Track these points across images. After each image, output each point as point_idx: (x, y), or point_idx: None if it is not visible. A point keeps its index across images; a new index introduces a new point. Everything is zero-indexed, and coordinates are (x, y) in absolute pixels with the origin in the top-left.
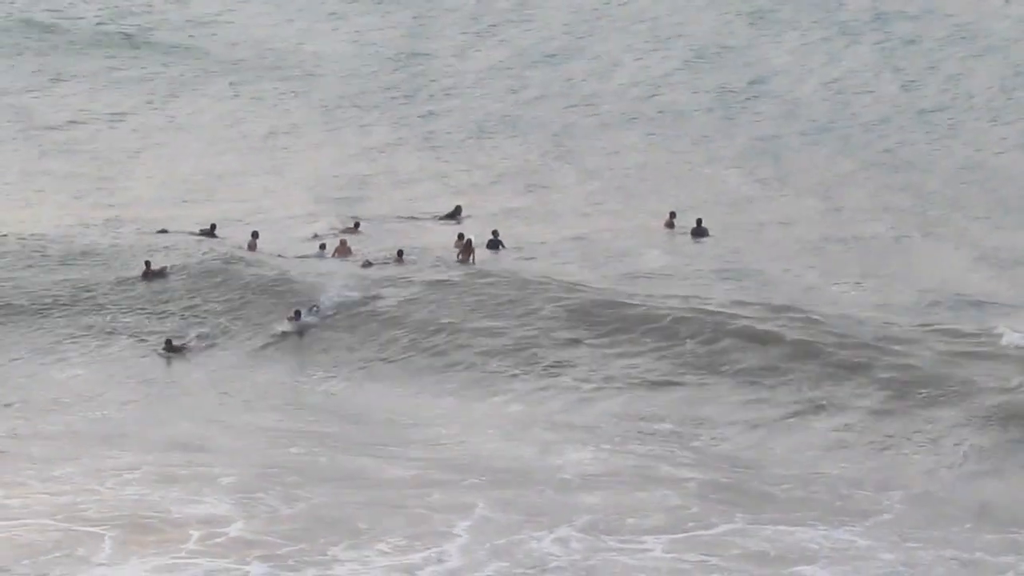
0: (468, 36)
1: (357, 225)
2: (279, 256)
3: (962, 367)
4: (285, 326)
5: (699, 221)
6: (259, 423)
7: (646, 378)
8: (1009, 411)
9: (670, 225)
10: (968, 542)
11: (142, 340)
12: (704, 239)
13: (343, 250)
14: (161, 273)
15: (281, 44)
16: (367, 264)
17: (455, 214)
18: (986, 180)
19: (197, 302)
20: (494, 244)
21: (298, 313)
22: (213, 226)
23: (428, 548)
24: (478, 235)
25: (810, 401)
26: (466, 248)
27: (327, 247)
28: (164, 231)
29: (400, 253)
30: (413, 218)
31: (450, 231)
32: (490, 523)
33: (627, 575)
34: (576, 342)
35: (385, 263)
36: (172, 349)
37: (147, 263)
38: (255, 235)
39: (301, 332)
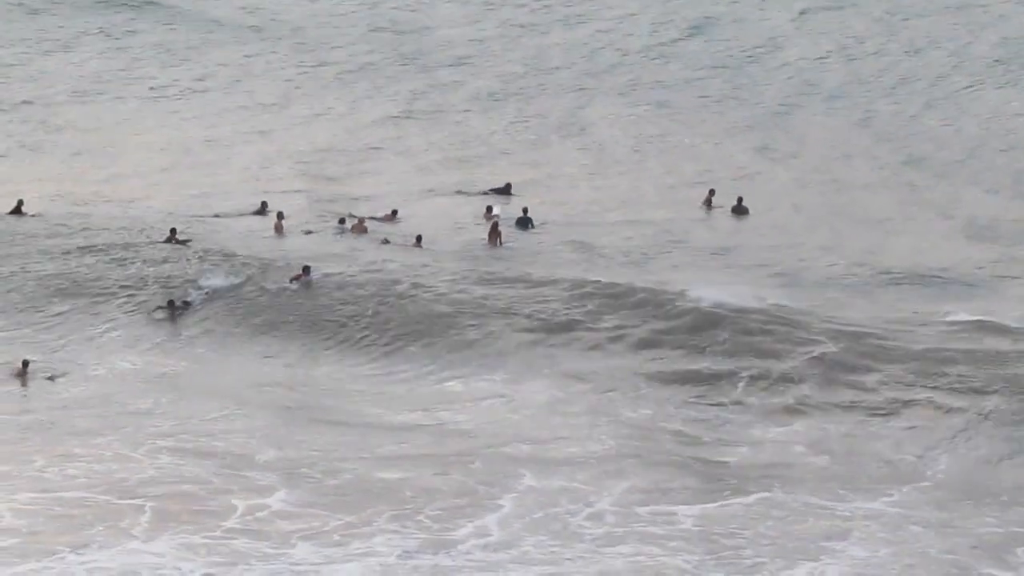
0: (479, 5)
1: (395, 213)
2: (308, 232)
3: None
4: (290, 285)
5: (740, 199)
6: (292, 392)
7: (685, 353)
8: None
9: (708, 203)
10: (1002, 516)
11: (169, 296)
12: (745, 217)
13: (359, 228)
14: (185, 243)
15: (294, 10)
16: (385, 242)
17: (506, 190)
18: (1005, 151)
19: (212, 263)
20: (524, 222)
21: (307, 269)
22: (264, 204)
23: (471, 520)
24: (506, 211)
25: (845, 376)
26: (492, 229)
27: (345, 222)
28: (217, 216)
29: (419, 238)
30: (460, 192)
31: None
32: (531, 495)
33: (656, 545)
34: (613, 320)
35: (404, 245)
36: (173, 309)
37: (173, 230)
38: (280, 216)
39: (307, 287)
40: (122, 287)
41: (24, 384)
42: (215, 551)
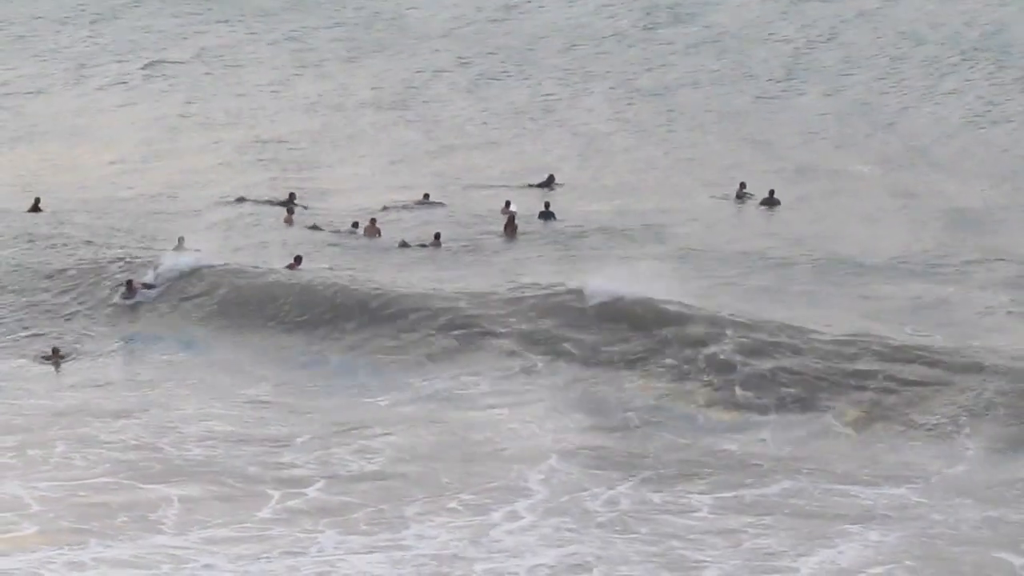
0: None
1: (427, 196)
2: (313, 227)
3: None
4: (283, 270)
5: (772, 192)
6: (309, 382)
7: (705, 345)
8: None
9: (740, 196)
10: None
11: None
12: (775, 209)
13: (371, 230)
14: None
15: None
16: (403, 244)
17: (548, 183)
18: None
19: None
20: (545, 215)
21: (298, 259)
22: (292, 195)
23: (501, 506)
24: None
25: (863, 368)
26: (509, 222)
27: (358, 225)
28: (242, 199)
29: (437, 236)
30: (505, 185)
31: (536, 201)
32: (558, 478)
33: (671, 532)
34: (629, 311)
35: (422, 246)
36: (132, 291)
37: (180, 239)
38: (291, 210)
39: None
40: (127, 278)
41: (56, 371)
42: (246, 540)
